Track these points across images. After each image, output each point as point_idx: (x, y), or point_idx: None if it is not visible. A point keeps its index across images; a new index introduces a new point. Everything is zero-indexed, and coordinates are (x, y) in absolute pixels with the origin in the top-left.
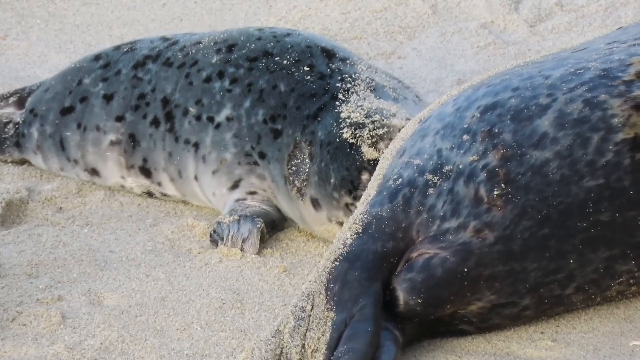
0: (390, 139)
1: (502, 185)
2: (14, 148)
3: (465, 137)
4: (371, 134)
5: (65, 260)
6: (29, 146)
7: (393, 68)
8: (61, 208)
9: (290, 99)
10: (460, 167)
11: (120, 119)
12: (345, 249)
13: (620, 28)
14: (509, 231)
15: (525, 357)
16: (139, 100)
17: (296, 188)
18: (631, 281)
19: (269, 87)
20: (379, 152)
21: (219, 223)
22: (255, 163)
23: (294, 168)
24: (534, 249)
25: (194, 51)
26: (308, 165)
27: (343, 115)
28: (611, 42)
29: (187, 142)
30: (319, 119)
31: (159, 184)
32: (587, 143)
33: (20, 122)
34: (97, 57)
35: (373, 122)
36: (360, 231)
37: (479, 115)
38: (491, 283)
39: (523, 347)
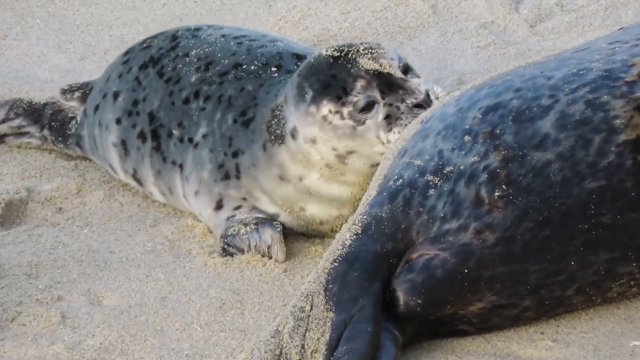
0: (392, 59)
1: (503, 186)
2: (75, 146)
3: (467, 137)
4: (369, 50)
5: (64, 260)
6: (86, 148)
7: None
8: (60, 208)
9: (259, 91)
10: (461, 167)
11: (118, 121)
12: (344, 249)
13: (621, 28)
14: (509, 232)
15: (525, 357)
16: (132, 106)
17: (274, 135)
18: (631, 282)
19: (237, 92)
20: (381, 66)
21: (233, 235)
22: (227, 176)
23: (274, 120)
24: (534, 250)
25: (180, 65)
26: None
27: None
28: (613, 41)
29: (173, 162)
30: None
31: (151, 193)
32: (589, 144)
33: (79, 122)
34: (126, 52)
35: (366, 42)
36: (359, 232)
37: (480, 116)
38: (491, 284)
39: (523, 347)
